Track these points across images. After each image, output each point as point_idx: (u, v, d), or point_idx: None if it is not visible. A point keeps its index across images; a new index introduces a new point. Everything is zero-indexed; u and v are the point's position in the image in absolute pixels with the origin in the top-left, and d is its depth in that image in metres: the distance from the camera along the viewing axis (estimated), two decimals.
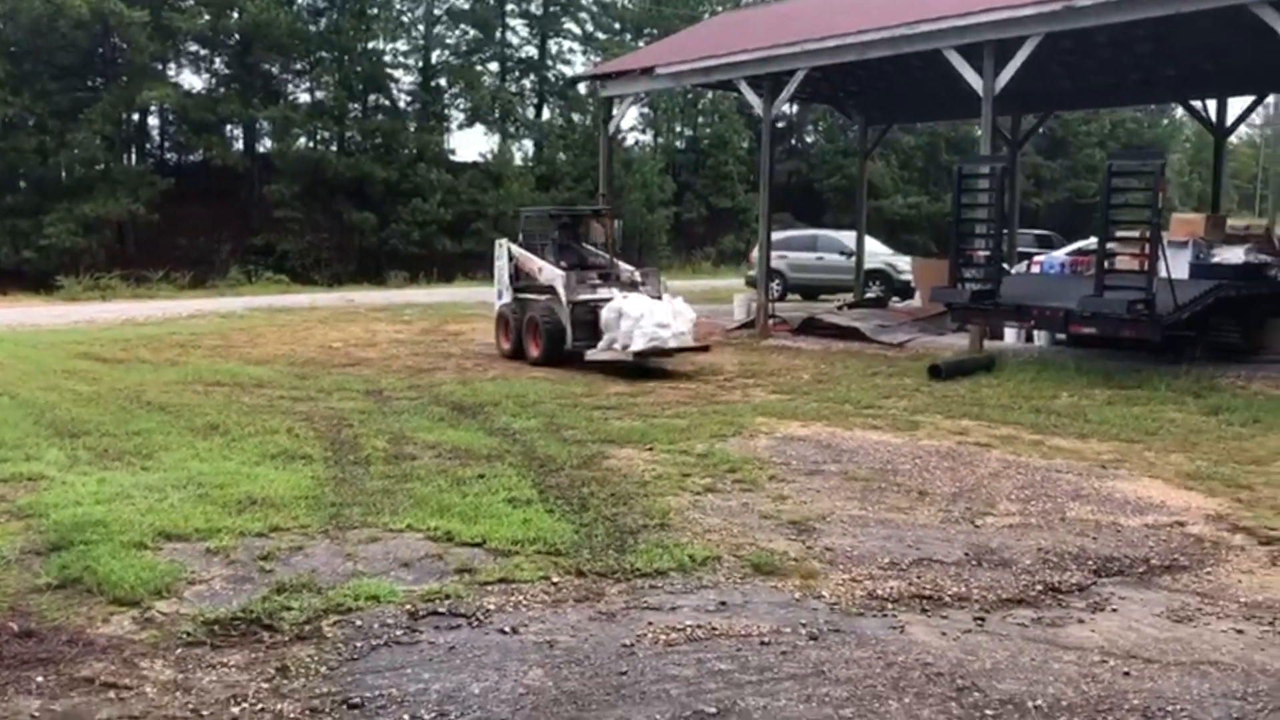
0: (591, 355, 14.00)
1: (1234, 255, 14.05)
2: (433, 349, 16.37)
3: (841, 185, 44.89)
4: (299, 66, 40.34)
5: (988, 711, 4.18)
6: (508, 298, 15.65)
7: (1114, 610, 5.42)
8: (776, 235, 28.05)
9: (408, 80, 43.40)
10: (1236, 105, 22.96)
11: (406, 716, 4.05)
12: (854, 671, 4.53)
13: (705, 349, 14.71)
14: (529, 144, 46.59)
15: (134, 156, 39.50)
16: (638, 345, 13.48)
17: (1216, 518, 7.18)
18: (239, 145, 40.42)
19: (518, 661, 4.58)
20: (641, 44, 41.94)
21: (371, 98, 41.77)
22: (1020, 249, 24.24)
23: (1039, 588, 5.70)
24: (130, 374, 13.09)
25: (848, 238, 25.63)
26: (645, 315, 13.54)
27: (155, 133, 41.14)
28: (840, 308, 20.75)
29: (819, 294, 26.03)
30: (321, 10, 40.25)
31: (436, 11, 44.02)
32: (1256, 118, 63.16)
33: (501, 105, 44.41)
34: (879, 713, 4.14)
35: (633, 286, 14.64)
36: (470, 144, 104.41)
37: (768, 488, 7.82)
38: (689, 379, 13.64)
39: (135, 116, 38.69)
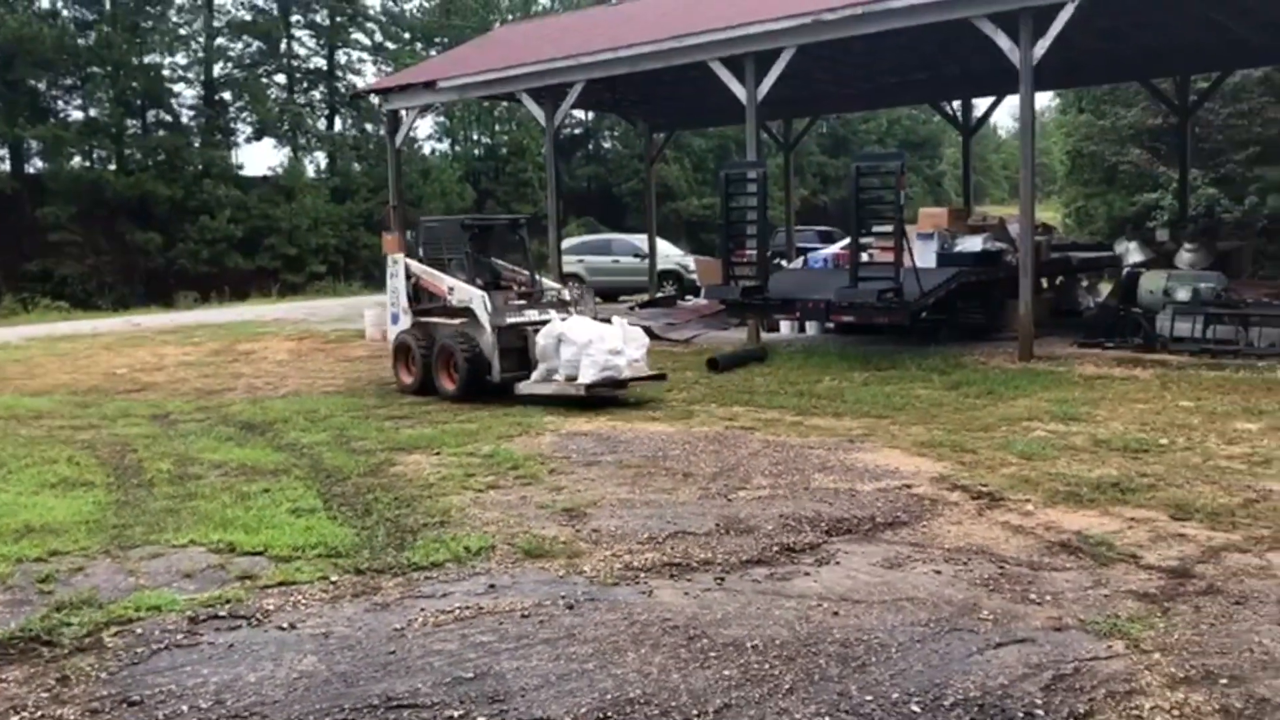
0: (525, 389, 12.15)
1: (973, 244, 15.51)
2: (223, 369, 16.17)
3: (639, 189, 45.81)
4: (69, 82, 38.46)
5: (711, 654, 4.83)
6: (407, 322, 13.59)
7: (837, 563, 6.20)
8: (573, 240, 28.89)
9: (190, 94, 42.06)
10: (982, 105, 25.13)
11: (185, 707, 4.37)
12: (601, 632, 5.11)
13: (662, 377, 12.65)
14: (321, 156, 45.90)
15: None
16: (588, 377, 11.59)
17: (940, 479, 8.14)
18: (5, 166, 38.21)
19: (294, 652, 4.94)
20: (433, 53, 41.96)
21: (151, 113, 40.24)
22: (803, 245, 25.82)
23: (776, 549, 6.43)
24: None
25: (641, 241, 26.53)
26: (594, 341, 11.65)
27: None
28: (632, 308, 21.54)
29: (617, 295, 26.81)
30: (90, 23, 38.48)
31: (216, 23, 42.77)
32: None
33: (291, 118, 43.56)
34: (618, 663, 4.73)
35: (562, 306, 12.89)
36: (260, 158, 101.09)
37: (546, 480, 8.34)
38: None
39: None
